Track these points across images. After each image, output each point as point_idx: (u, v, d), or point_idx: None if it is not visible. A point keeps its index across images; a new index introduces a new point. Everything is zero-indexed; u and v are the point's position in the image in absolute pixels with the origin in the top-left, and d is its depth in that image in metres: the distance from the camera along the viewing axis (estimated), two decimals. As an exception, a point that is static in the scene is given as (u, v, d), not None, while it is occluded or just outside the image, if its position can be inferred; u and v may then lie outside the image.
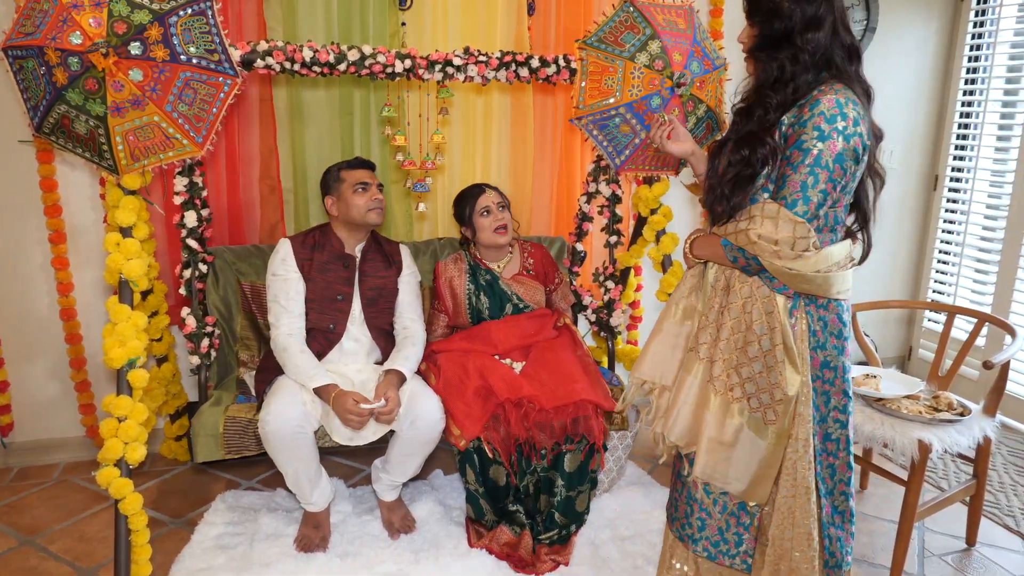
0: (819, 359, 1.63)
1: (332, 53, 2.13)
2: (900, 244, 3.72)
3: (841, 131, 1.50)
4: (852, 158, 1.52)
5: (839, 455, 1.66)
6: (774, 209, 1.53)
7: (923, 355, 3.75)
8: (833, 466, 1.67)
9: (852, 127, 1.50)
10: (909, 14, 3.42)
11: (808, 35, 1.56)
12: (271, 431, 2.02)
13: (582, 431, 2.15)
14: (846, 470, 1.68)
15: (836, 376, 1.65)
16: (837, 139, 1.50)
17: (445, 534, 2.27)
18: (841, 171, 1.51)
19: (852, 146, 1.51)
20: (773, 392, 1.60)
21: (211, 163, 2.60)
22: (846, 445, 1.67)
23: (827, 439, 1.65)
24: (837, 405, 1.65)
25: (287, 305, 2.22)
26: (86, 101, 1.81)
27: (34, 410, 2.77)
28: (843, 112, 1.50)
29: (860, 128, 1.52)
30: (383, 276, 2.36)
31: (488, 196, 2.46)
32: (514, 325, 2.45)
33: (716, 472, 1.66)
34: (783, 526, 1.65)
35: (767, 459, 1.63)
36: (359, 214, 2.27)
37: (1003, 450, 3.00)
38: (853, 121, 1.51)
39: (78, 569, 2.19)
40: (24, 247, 2.62)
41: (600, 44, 2.28)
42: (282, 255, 2.27)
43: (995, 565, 2.27)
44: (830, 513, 1.67)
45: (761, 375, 1.61)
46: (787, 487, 1.64)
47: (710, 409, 1.66)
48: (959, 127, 3.54)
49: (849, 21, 1.63)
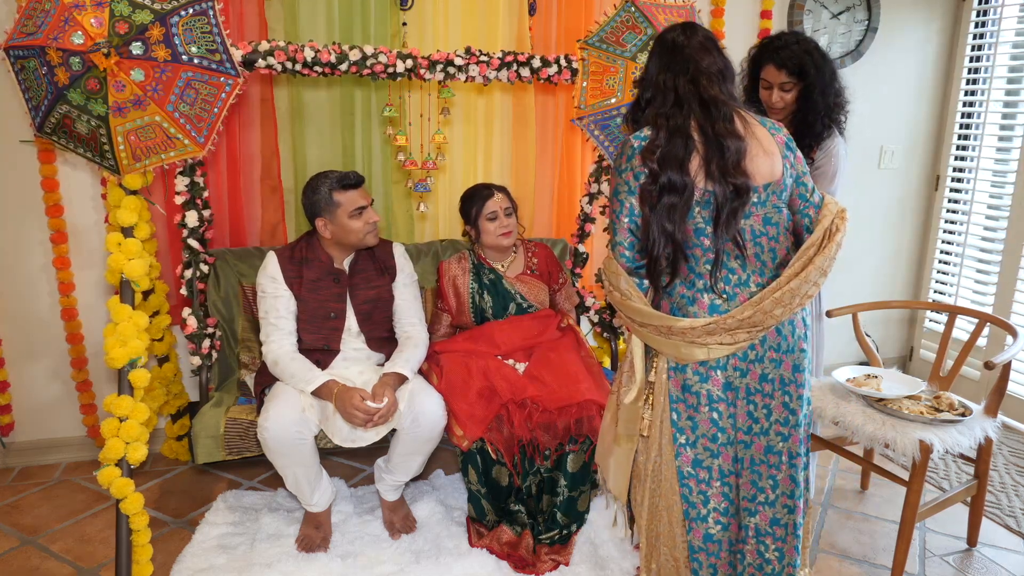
0: (678, 381, 1.67)
1: (334, 53, 2.13)
2: (901, 244, 3.72)
3: (617, 168, 1.65)
4: (626, 191, 1.61)
5: (781, 468, 1.67)
6: (608, 252, 1.72)
7: (924, 355, 3.74)
8: (775, 478, 1.68)
9: (625, 163, 1.62)
10: (910, 14, 3.42)
11: (646, 91, 1.70)
12: (271, 437, 2.01)
13: (586, 431, 2.15)
14: (789, 483, 1.68)
15: (700, 403, 1.65)
16: (613, 175, 1.67)
17: (446, 534, 2.27)
18: (619, 203, 1.63)
19: (624, 179, 1.62)
20: (622, 394, 1.76)
21: (212, 163, 2.60)
22: (789, 459, 1.67)
23: (696, 464, 1.68)
24: (705, 433, 1.66)
25: (277, 323, 2.20)
26: (88, 101, 1.81)
27: (35, 410, 2.77)
28: (622, 150, 1.64)
29: (633, 163, 1.61)
30: (376, 286, 2.32)
31: (496, 201, 2.44)
32: (517, 325, 2.44)
33: (600, 463, 1.90)
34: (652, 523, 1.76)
35: (618, 458, 1.80)
36: (357, 238, 2.22)
37: (1004, 450, 3.00)
38: (627, 157, 1.62)
39: (79, 569, 2.19)
40: (25, 247, 2.62)
41: (601, 44, 2.29)
42: (270, 272, 2.22)
43: (996, 566, 2.27)
44: (700, 538, 1.71)
45: (622, 379, 1.79)
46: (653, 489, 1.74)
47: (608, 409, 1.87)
48: (960, 127, 3.54)
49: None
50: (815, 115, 2.23)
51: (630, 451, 1.77)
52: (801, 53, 2.20)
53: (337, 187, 2.19)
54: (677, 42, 1.65)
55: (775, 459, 1.68)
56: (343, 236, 2.21)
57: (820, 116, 2.24)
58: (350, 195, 2.19)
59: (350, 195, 2.19)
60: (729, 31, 3.10)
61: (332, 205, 2.19)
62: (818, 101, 2.22)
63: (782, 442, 1.67)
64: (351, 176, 2.21)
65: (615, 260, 1.66)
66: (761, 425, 1.67)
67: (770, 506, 1.70)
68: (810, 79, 2.20)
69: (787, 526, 1.70)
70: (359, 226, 2.20)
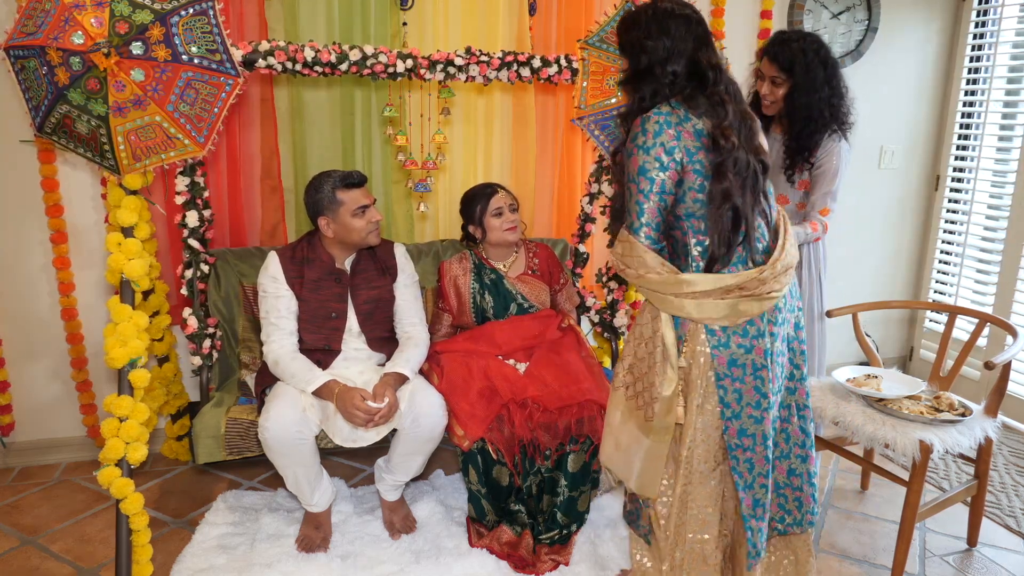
0: (724, 357, 1.66)
1: (334, 53, 2.13)
2: (901, 244, 3.72)
3: (640, 146, 1.59)
4: (658, 167, 1.57)
5: (756, 449, 1.70)
6: (624, 233, 1.66)
7: (924, 355, 3.75)
8: (751, 460, 1.71)
9: (652, 139, 1.57)
10: (910, 14, 3.42)
11: (668, 67, 1.64)
12: (271, 437, 2.01)
13: (587, 431, 2.15)
14: (800, 434, 1.77)
15: (746, 374, 1.67)
16: (638, 154, 1.59)
17: (446, 534, 2.27)
18: (648, 182, 1.58)
19: (654, 156, 1.57)
20: (652, 391, 1.70)
21: (212, 163, 2.60)
22: (763, 440, 1.70)
23: (742, 434, 1.70)
24: (750, 402, 1.69)
25: (278, 323, 2.20)
26: (88, 101, 1.81)
27: (35, 410, 2.77)
28: (644, 128, 1.59)
29: (663, 138, 1.57)
30: (377, 286, 2.32)
31: (501, 197, 2.45)
32: (518, 325, 2.45)
33: (613, 460, 1.83)
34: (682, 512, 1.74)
35: (650, 453, 1.73)
36: (359, 237, 2.22)
37: (1004, 451, 3.00)
38: (654, 133, 1.57)
39: (79, 569, 2.19)
40: (25, 247, 2.62)
41: (602, 44, 2.29)
42: (272, 272, 2.23)
43: (996, 566, 2.27)
44: (751, 506, 1.73)
45: (646, 375, 1.73)
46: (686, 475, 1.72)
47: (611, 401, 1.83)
48: (960, 127, 3.54)
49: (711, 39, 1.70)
50: (797, 114, 2.30)
51: (666, 444, 1.72)
52: (796, 51, 2.25)
53: (340, 186, 2.19)
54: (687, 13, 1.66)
55: (785, 412, 1.75)
56: (345, 235, 2.22)
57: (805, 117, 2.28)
58: (353, 194, 2.20)
59: (353, 194, 2.20)
60: (729, 31, 3.10)
61: (335, 204, 2.19)
62: (801, 102, 2.27)
63: (790, 395, 1.76)
64: (354, 175, 2.22)
65: (638, 242, 1.62)
66: (780, 383, 1.73)
67: (785, 458, 1.78)
68: (797, 78, 2.25)
69: (803, 475, 1.80)
70: (362, 225, 2.20)
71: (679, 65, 1.63)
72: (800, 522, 1.83)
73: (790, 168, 2.38)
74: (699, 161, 1.59)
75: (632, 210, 1.62)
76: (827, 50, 2.29)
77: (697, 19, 1.67)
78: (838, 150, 2.31)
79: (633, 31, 1.68)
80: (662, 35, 1.64)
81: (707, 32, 1.68)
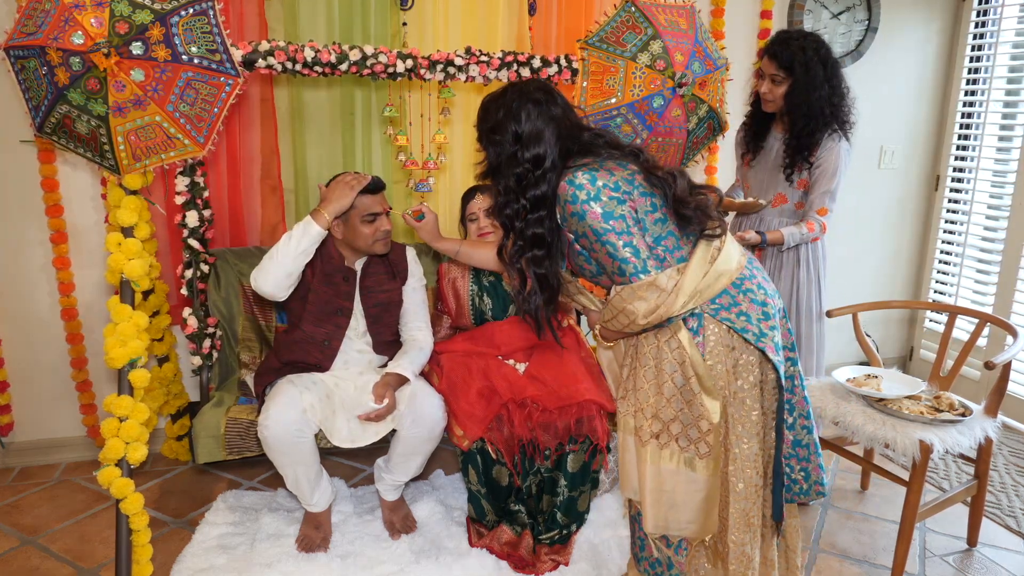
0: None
1: (334, 53, 2.13)
2: (901, 244, 3.72)
3: (586, 200, 1.57)
4: (616, 202, 1.58)
5: (795, 391, 1.76)
6: (629, 290, 1.60)
7: (924, 355, 3.75)
8: (790, 402, 1.76)
9: (592, 186, 1.58)
10: (910, 14, 3.42)
11: (529, 151, 1.64)
12: (271, 435, 2.01)
13: (586, 431, 2.15)
14: (804, 404, 1.79)
15: None
16: (590, 207, 1.57)
17: (446, 534, 2.27)
18: (619, 221, 1.58)
19: (606, 197, 1.58)
20: (699, 424, 1.64)
21: (212, 163, 2.60)
22: (800, 383, 1.77)
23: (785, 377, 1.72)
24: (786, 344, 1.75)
25: None
26: (88, 101, 1.81)
27: (35, 410, 2.77)
28: (576, 185, 1.58)
29: (600, 181, 1.58)
30: (387, 290, 2.32)
31: (477, 202, 2.41)
32: (517, 326, 2.44)
33: (668, 522, 1.71)
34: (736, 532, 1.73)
35: (707, 492, 1.68)
36: (365, 244, 2.21)
37: (1004, 451, 3.00)
38: (589, 181, 1.58)
39: (79, 569, 2.19)
40: (25, 247, 2.62)
41: (602, 44, 2.29)
42: None
43: (996, 566, 2.27)
44: (790, 444, 1.78)
45: (683, 412, 1.66)
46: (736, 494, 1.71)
47: (644, 460, 1.70)
48: (960, 127, 3.54)
49: (570, 107, 1.72)
50: (797, 112, 2.31)
51: (716, 474, 1.67)
52: (796, 49, 2.26)
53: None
54: (541, 97, 1.68)
55: (788, 383, 1.75)
56: (352, 239, 2.21)
57: (805, 115, 2.29)
58: (366, 200, 2.17)
59: (366, 200, 2.17)
60: (729, 31, 3.10)
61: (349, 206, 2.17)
62: (800, 100, 2.28)
63: (792, 366, 1.76)
64: (372, 181, 2.18)
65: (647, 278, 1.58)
66: None
67: (790, 429, 1.78)
68: (796, 76, 2.26)
69: (808, 446, 1.80)
70: (368, 232, 2.18)
71: (544, 145, 1.64)
72: (807, 491, 1.82)
73: (790, 167, 2.39)
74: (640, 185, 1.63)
75: (624, 259, 1.58)
76: (827, 49, 2.30)
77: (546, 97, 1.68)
78: (838, 149, 2.32)
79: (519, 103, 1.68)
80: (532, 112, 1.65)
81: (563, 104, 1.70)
